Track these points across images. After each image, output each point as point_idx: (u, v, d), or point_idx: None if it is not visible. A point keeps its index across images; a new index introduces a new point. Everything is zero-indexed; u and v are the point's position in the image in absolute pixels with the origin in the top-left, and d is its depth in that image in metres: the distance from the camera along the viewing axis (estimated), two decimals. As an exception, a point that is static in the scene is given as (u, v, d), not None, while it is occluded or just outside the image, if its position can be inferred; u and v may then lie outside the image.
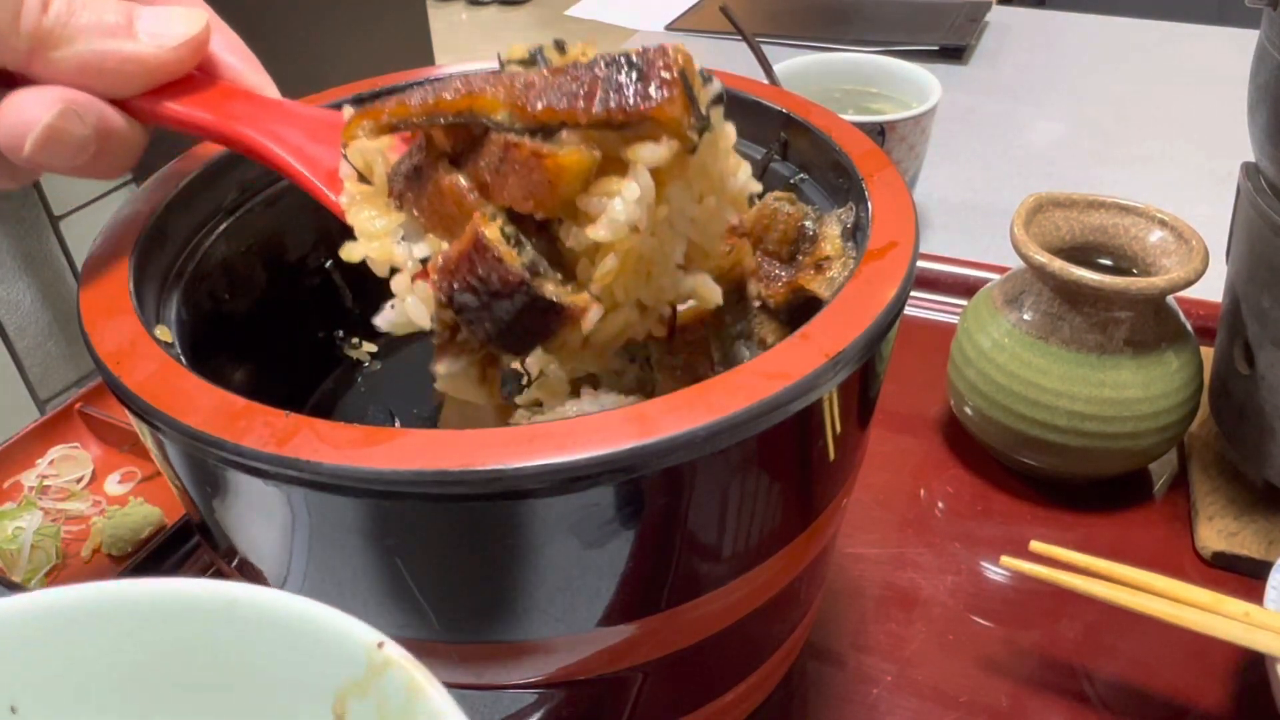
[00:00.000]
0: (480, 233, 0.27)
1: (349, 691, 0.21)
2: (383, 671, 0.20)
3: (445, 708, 0.20)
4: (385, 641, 0.21)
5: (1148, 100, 0.96)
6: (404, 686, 0.20)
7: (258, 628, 0.21)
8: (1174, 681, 0.42)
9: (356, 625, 0.21)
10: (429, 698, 0.20)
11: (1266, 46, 0.41)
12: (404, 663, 0.20)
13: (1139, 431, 0.47)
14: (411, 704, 0.20)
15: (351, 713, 0.21)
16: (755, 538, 0.30)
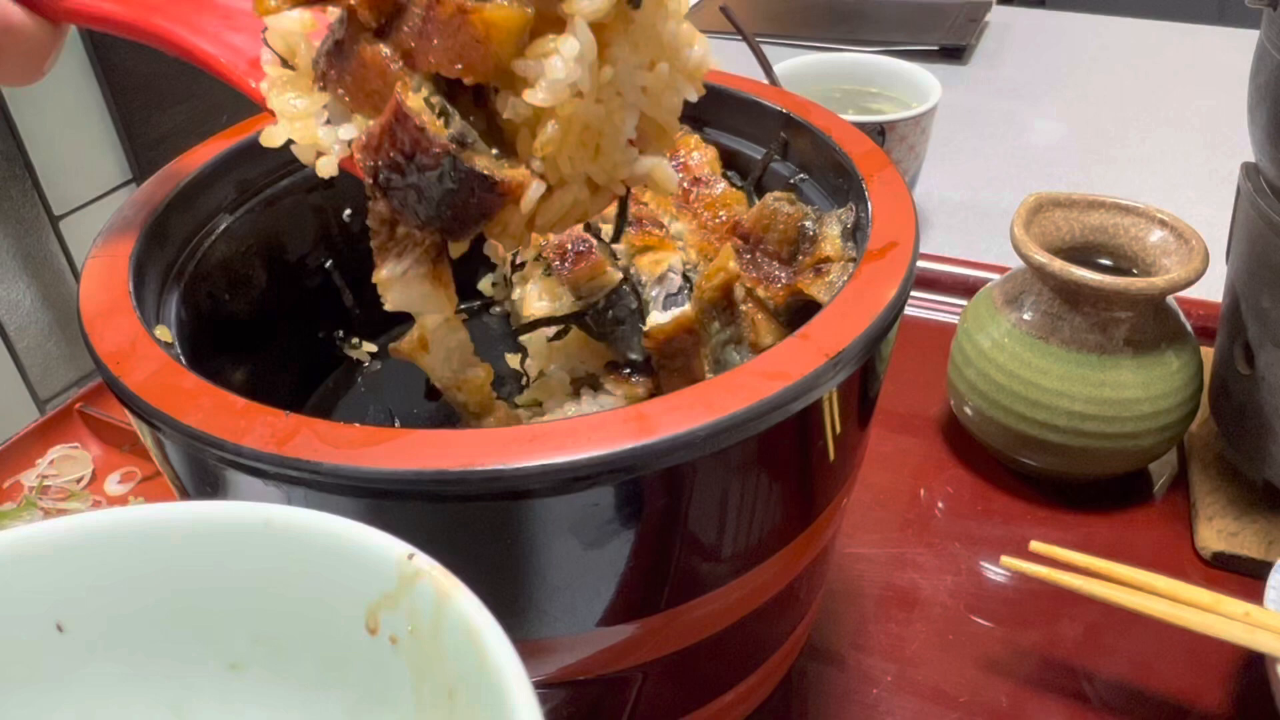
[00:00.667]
0: (401, 101, 0.25)
1: (380, 605, 0.21)
2: (413, 582, 0.20)
3: (471, 609, 0.20)
4: (415, 553, 0.21)
5: (1148, 100, 0.96)
6: (433, 594, 0.20)
7: (292, 546, 0.22)
8: (1174, 681, 0.42)
9: (387, 539, 0.21)
10: (457, 601, 0.20)
11: (1266, 46, 0.41)
12: (433, 571, 0.20)
13: (1139, 431, 0.47)
14: (441, 610, 0.20)
15: (384, 625, 0.21)
16: (755, 538, 0.30)
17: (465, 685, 0.20)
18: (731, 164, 0.43)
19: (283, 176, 0.41)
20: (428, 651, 0.21)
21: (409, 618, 0.21)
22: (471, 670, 0.19)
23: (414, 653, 0.21)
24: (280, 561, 0.22)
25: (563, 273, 0.38)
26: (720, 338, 0.35)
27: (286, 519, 0.22)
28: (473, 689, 0.19)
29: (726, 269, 0.34)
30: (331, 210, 0.44)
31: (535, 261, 0.42)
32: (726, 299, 0.35)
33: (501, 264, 0.47)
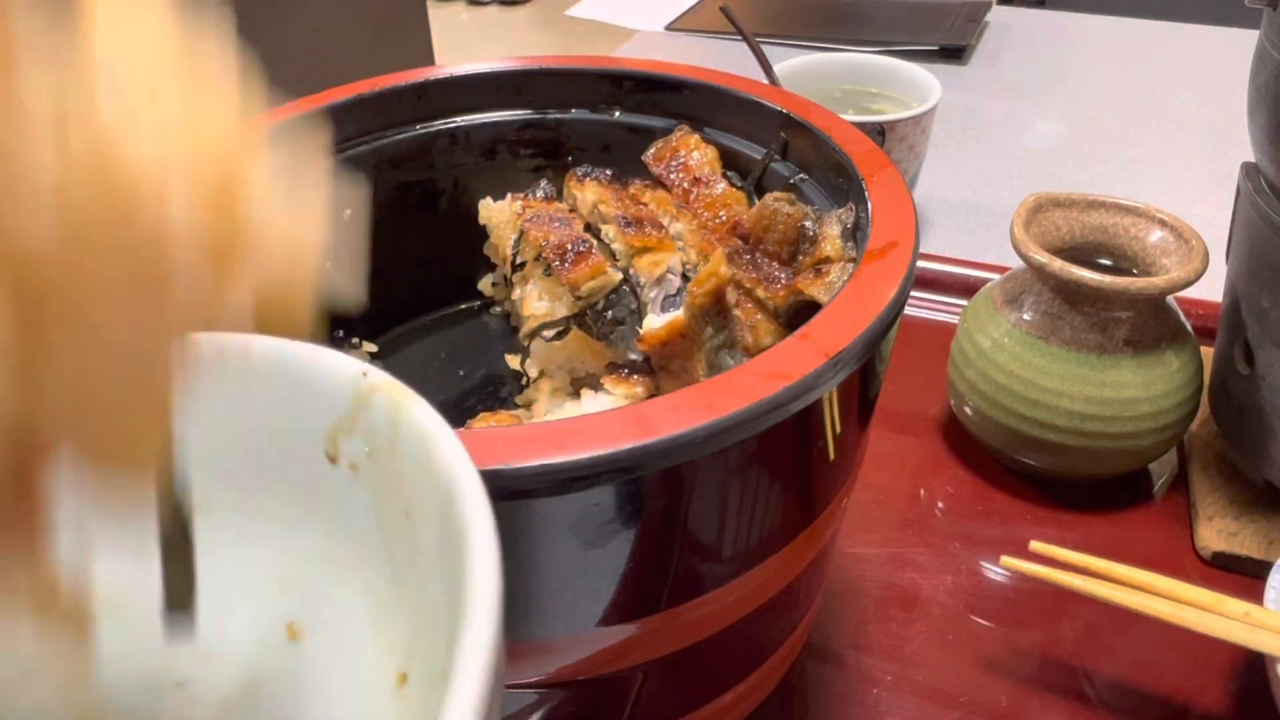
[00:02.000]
0: None
1: (338, 429, 0.20)
2: (368, 400, 0.19)
3: (424, 418, 0.18)
4: (369, 369, 0.20)
5: (1148, 100, 0.96)
6: (387, 409, 0.19)
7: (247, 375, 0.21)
8: (1174, 681, 0.42)
9: (340, 358, 0.20)
10: (411, 412, 0.19)
11: (1266, 46, 0.41)
12: (386, 386, 0.19)
13: (1139, 431, 0.47)
14: (396, 425, 0.19)
15: (343, 451, 0.20)
16: (755, 538, 0.30)
17: (421, 500, 0.18)
18: (731, 164, 0.43)
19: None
20: (386, 472, 0.19)
21: (366, 439, 0.20)
22: (426, 483, 0.18)
23: (373, 477, 0.20)
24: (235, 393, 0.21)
25: (563, 273, 0.38)
26: (714, 342, 0.35)
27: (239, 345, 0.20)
28: (428, 503, 0.18)
29: (717, 274, 0.34)
30: (331, 210, 0.44)
31: (535, 261, 0.42)
32: (718, 304, 0.35)
33: (501, 264, 0.47)
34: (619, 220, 0.39)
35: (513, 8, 1.31)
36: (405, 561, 0.20)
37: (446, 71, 0.45)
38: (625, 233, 0.39)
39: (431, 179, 0.46)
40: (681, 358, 0.35)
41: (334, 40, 0.77)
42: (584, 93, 0.46)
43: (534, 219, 0.41)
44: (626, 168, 0.44)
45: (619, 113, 0.46)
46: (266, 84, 0.31)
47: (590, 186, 0.42)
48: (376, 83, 0.44)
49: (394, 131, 0.44)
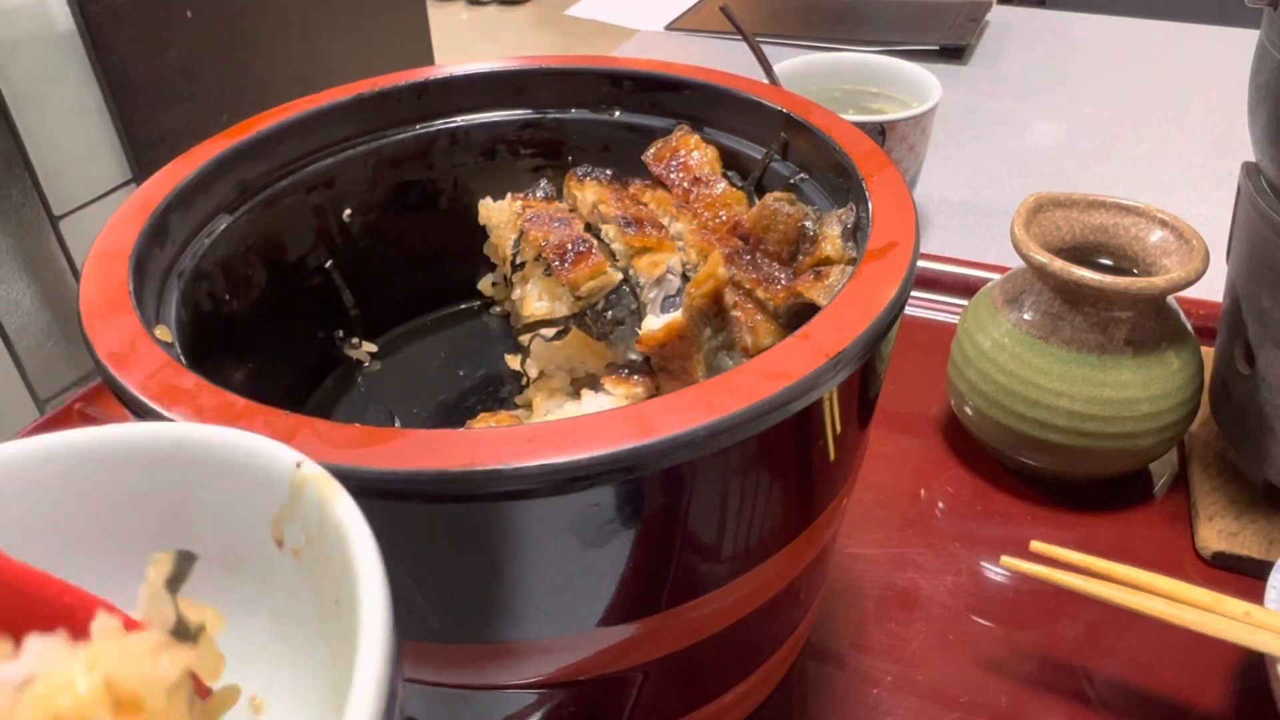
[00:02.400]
0: None
1: (281, 516, 0.21)
2: (302, 489, 0.20)
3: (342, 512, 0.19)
4: (303, 460, 0.21)
5: (1148, 100, 0.96)
6: (317, 500, 0.20)
7: (202, 464, 0.22)
8: (1174, 681, 0.42)
9: (278, 449, 0.21)
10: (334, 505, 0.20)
11: (1266, 46, 0.41)
12: (318, 478, 0.20)
13: (1139, 431, 0.47)
14: (324, 516, 0.20)
15: (287, 537, 0.21)
16: (755, 538, 0.30)
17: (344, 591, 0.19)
18: (731, 164, 0.43)
19: (283, 176, 0.41)
20: (318, 560, 0.20)
21: (303, 528, 0.21)
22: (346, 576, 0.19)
23: (310, 563, 0.21)
24: (194, 479, 0.22)
25: (563, 273, 0.38)
26: (712, 344, 0.35)
27: (196, 436, 0.22)
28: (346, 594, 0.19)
29: (715, 276, 0.34)
30: (331, 210, 0.44)
31: (535, 261, 0.42)
32: (717, 305, 0.35)
33: (501, 264, 0.47)
34: (619, 220, 0.39)
35: (513, 8, 1.31)
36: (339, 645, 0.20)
37: (446, 71, 0.45)
38: (625, 233, 0.39)
39: (431, 179, 0.46)
40: (681, 358, 0.35)
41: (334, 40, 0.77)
42: (584, 93, 0.46)
43: (534, 219, 0.41)
44: (626, 168, 0.44)
45: (619, 113, 0.46)
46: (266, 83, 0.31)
47: (590, 186, 0.42)
48: (376, 83, 0.44)
49: (394, 131, 0.44)
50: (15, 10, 0.51)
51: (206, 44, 0.62)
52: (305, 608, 0.22)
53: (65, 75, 0.58)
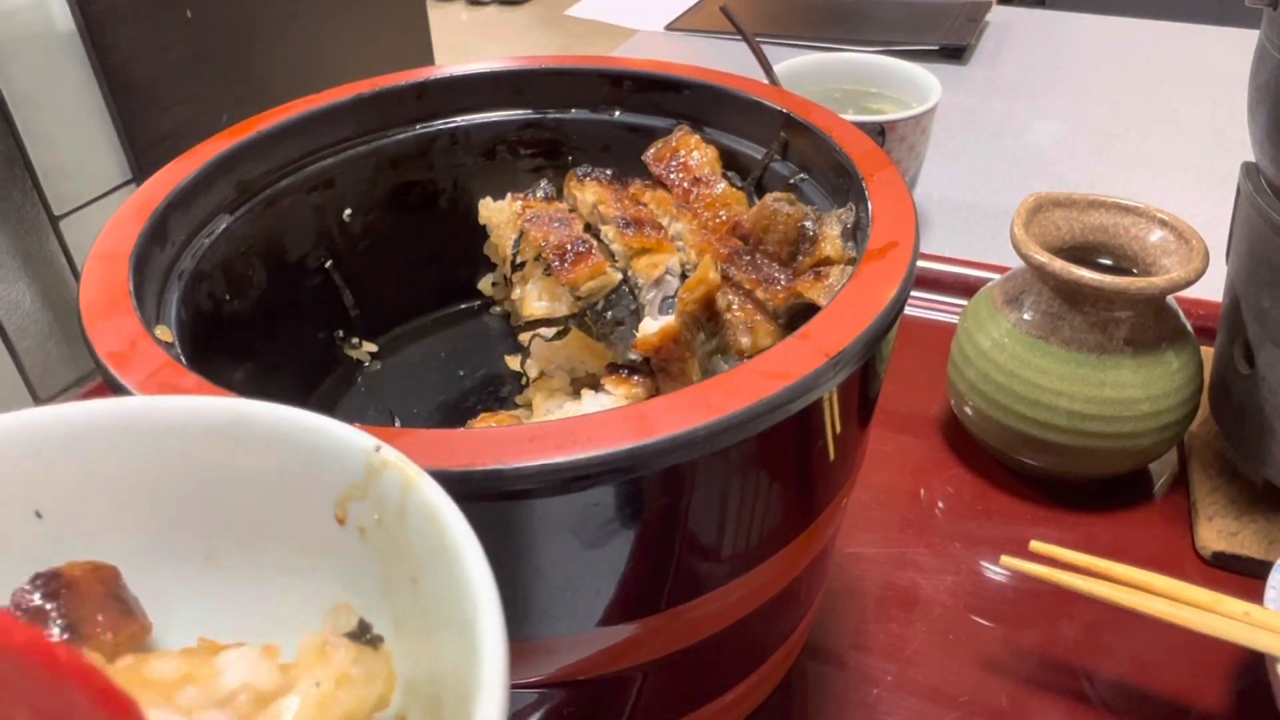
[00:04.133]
0: None
1: (349, 495, 0.22)
2: (380, 473, 0.21)
3: (434, 496, 0.20)
4: (382, 445, 0.22)
5: (1148, 100, 0.96)
6: (399, 484, 0.21)
7: (263, 440, 0.22)
8: (1174, 681, 0.42)
9: (355, 433, 0.22)
10: (421, 489, 0.21)
11: (1266, 46, 0.41)
12: (400, 463, 0.21)
13: (1139, 431, 0.47)
14: (407, 498, 0.21)
15: (351, 514, 0.22)
16: (755, 538, 0.30)
17: (427, 570, 0.20)
18: (731, 164, 0.43)
19: (283, 176, 0.41)
20: (394, 540, 0.21)
21: (376, 507, 0.22)
22: (433, 553, 0.20)
23: (381, 542, 0.22)
24: (252, 453, 0.23)
25: (562, 273, 0.38)
26: (706, 348, 0.35)
27: (259, 414, 0.22)
28: (434, 572, 0.20)
29: (706, 280, 0.34)
30: (331, 210, 0.44)
31: (535, 261, 0.42)
32: (709, 310, 0.35)
33: (501, 264, 0.47)
34: (617, 221, 0.39)
35: (512, 8, 1.31)
36: (408, 616, 0.21)
37: (446, 71, 0.45)
38: (624, 234, 0.39)
39: (431, 179, 0.46)
40: (677, 361, 0.35)
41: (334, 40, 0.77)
42: (584, 93, 0.46)
43: (534, 219, 0.41)
44: (626, 168, 0.44)
45: (619, 113, 0.46)
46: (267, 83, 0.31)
47: (590, 187, 0.42)
48: (376, 83, 0.44)
49: (394, 131, 0.44)
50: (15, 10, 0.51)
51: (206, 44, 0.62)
52: (364, 580, 0.22)
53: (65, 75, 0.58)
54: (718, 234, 0.40)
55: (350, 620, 0.21)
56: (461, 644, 0.18)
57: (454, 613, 0.19)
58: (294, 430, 0.22)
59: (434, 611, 0.20)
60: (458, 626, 0.19)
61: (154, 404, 0.23)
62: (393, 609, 0.22)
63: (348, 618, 0.21)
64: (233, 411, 0.22)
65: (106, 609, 0.21)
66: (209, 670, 0.19)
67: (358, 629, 0.21)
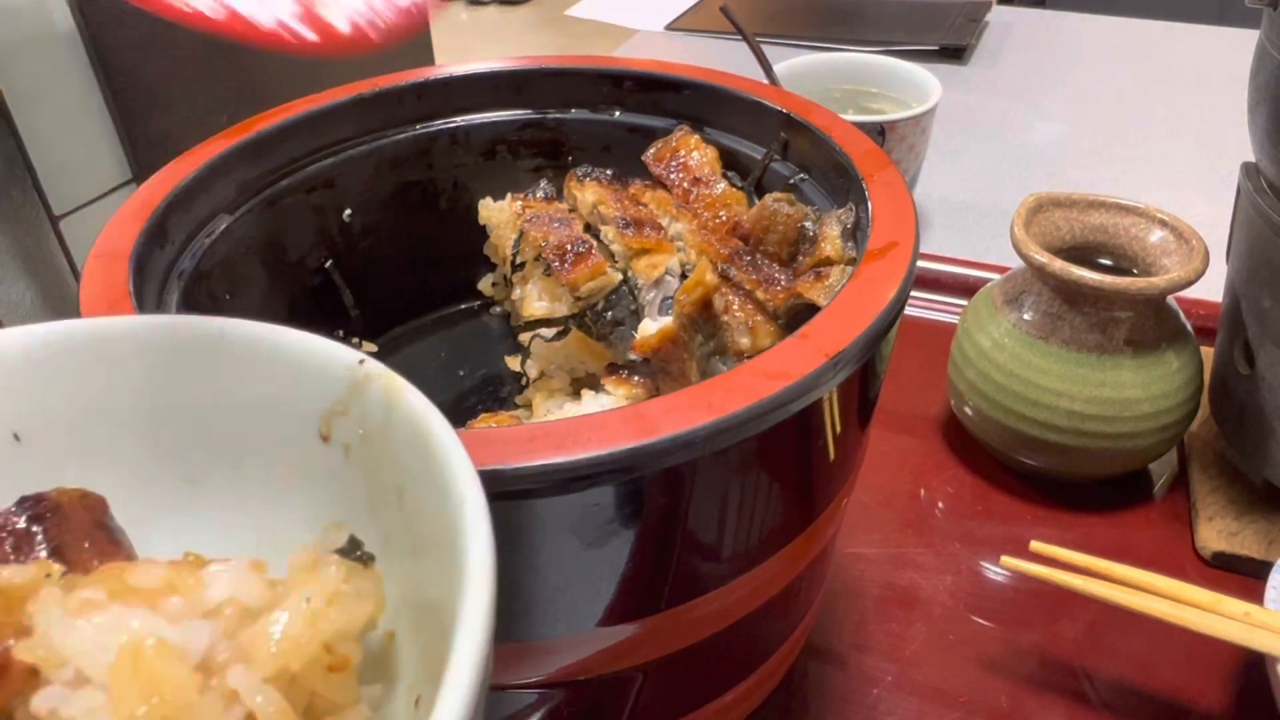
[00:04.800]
0: None
1: (332, 411, 0.22)
2: (364, 387, 0.21)
3: (420, 406, 0.20)
4: (365, 359, 0.21)
5: (1148, 100, 0.96)
6: (383, 395, 0.21)
7: (245, 358, 0.22)
8: (1174, 681, 0.42)
9: (337, 348, 0.21)
10: (406, 400, 0.20)
11: (1266, 46, 0.41)
12: (382, 374, 0.21)
13: (1139, 431, 0.47)
14: (391, 410, 0.20)
15: (336, 431, 0.22)
16: (755, 538, 0.30)
17: (413, 480, 0.20)
18: (731, 164, 0.43)
19: (283, 176, 0.41)
20: (378, 453, 0.21)
21: (360, 422, 0.21)
22: (419, 464, 0.19)
23: (365, 457, 0.21)
24: (235, 373, 0.22)
25: (562, 273, 0.38)
26: (704, 350, 0.35)
27: (239, 331, 0.22)
28: (420, 483, 0.20)
29: (703, 283, 0.34)
30: (331, 210, 0.44)
31: (535, 262, 0.42)
32: (706, 311, 0.35)
33: (501, 264, 0.47)
34: (617, 221, 0.39)
35: (512, 8, 1.31)
36: (395, 532, 0.21)
37: (446, 71, 0.45)
38: (624, 234, 0.39)
39: (431, 179, 0.46)
40: (677, 361, 0.35)
41: (334, 40, 0.77)
42: (584, 93, 0.46)
43: (534, 219, 0.41)
44: (626, 168, 0.44)
45: (619, 113, 0.46)
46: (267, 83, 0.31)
47: (590, 187, 0.42)
48: (376, 83, 0.44)
49: (394, 131, 0.44)
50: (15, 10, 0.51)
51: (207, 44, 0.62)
52: (351, 497, 0.22)
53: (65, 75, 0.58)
54: (718, 234, 0.40)
55: (341, 536, 0.21)
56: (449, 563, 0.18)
57: (442, 529, 0.18)
58: (274, 347, 0.22)
59: (421, 526, 0.20)
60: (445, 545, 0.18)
61: (131, 323, 0.23)
62: (379, 525, 0.21)
63: (338, 534, 0.21)
64: (211, 329, 0.22)
65: (94, 537, 0.21)
66: (194, 580, 0.19)
67: (348, 545, 0.21)
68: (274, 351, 0.22)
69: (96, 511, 0.22)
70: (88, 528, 0.21)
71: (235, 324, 0.22)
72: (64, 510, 0.21)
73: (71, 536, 0.21)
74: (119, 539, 0.22)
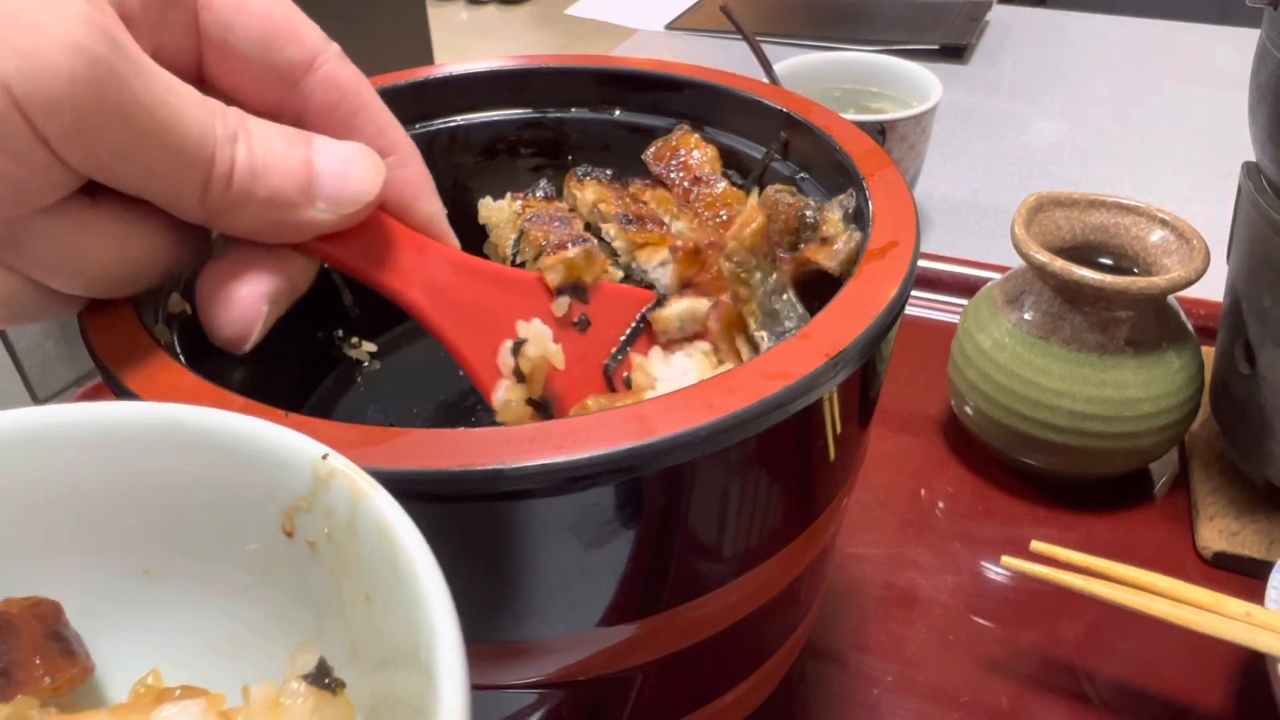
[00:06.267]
0: None
1: (296, 507, 0.21)
2: (328, 483, 0.20)
3: (385, 508, 0.19)
4: (329, 453, 0.20)
5: (1148, 100, 0.96)
6: (348, 494, 0.20)
7: (203, 448, 0.21)
8: (1175, 681, 0.42)
9: (300, 440, 0.21)
10: (372, 501, 0.19)
11: (1267, 46, 0.41)
12: (348, 471, 0.20)
13: (1140, 431, 0.47)
14: (357, 510, 0.20)
15: (300, 527, 0.21)
16: (755, 538, 0.30)
17: (380, 588, 0.19)
18: (732, 163, 0.43)
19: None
20: (344, 555, 0.20)
21: (325, 520, 0.20)
22: (386, 573, 0.19)
23: (331, 557, 0.21)
24: (192, 463, 0.21)
25: (563, 272, 0.38)
26: (765, 288, 0.35)
27: (196, 419, 0.21)
28: (388, 593, 0.19)
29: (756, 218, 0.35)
30: (331, 210, 0.43)
31: (535, 261, 0.42)
32: (766, 244, 0.35)
33: (502, 263, 0.47)
34: (619, 218, 0.39)
35: (512, 8, 1.31)
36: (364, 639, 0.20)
37: (446, 71, 0.45)
38: (626, 230, 0.39)
39: (431, 178, 0.46)
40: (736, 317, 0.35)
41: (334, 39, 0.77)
42: (584, 92, 0.46)
43: (534, 219, 0.41)
44: (626, 167, 0.44)
45: (619, 112, 0.46)
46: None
47: (590, 186, 0.42)
48: (376, 82, 0.44)
49: (394, 131, 0.44)
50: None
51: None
52: (319, 598, 0.21)
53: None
54: (718, 233, 0.40)
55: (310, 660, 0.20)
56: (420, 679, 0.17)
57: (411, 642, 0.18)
58: (234, 437, 0.21)
59: (390, 635, 0.19)
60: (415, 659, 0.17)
61: (79, 411, 0.22)
62: (348, 629, 0.21)
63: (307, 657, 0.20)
64: (166, 417, 0.21)
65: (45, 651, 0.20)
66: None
67: (317, 671, 0.20)
68: (232, 441, 0.21)
69: (49, 621, 0.21)
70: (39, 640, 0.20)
71: (192, 412, 0.21)
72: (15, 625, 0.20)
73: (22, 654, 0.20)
74: (74, 649, 0.21)
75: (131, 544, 0.22)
